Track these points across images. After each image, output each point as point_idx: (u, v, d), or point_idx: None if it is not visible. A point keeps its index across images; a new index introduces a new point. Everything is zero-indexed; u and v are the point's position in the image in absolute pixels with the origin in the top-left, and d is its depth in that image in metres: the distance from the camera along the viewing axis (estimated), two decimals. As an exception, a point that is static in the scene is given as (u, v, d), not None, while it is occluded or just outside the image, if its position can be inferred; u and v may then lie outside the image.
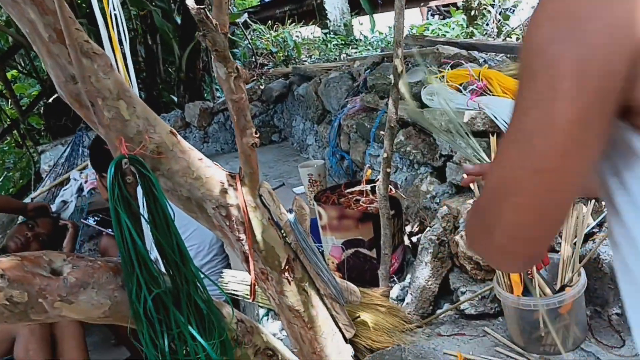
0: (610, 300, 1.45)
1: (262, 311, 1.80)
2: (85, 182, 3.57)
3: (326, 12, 8.87)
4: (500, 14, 5.28)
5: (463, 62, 2.18)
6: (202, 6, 1.08)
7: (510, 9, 5.60)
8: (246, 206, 1.27)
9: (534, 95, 0.56)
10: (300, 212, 1.35)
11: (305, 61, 7.24)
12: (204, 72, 5.76)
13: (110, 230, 3.15)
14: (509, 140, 0.60)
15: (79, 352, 2.40)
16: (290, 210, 1.35)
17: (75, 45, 1.00)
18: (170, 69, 5.51)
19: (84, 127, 4.17)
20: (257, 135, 1.23)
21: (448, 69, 1.95)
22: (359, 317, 1.52)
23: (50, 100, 5.04)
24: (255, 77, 5.18)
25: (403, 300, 1.69)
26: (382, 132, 1.59)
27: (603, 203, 1.65)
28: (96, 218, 3.19)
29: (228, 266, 2.67)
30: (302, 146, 3.89)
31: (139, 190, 1.08)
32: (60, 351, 2.39)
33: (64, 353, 2.39)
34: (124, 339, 2.84)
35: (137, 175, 1.06)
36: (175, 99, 5.37)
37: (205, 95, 5.87)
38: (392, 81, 1.50)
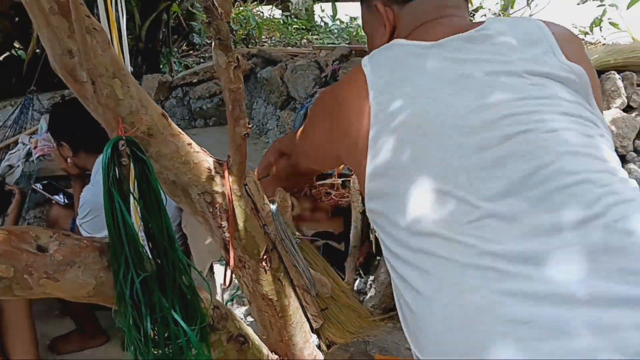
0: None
1: (226, 296, 1.82)
2: (35, 147, 3.44)
3: (288, -7, 8.81)
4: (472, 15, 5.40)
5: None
6: (209, -7, 1.07)
7: (471, 13, 5.73)
8: (231, 194, 1.28)
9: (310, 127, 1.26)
10: (282, 204, 1.38)
11: (265, 42, 7.18)
12: (163, 44, 5.63)
13: (58, 198, 3.06)
14: (304, 132, 1.30)
15: (25, 321, 2.35)
16: (272, 201, 1.37)
17: (81, 20, 0.98)
18: (128, 37, 5.35)
19: (34, 89, 4.01)
20: (250, 126, 1.24)
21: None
22: (326, 309, 1.56)
23: (1, 58, 4.81)
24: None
25: (366, 293, 1.74)
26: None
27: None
28: (43, 182, 3.09)
29: (185, 245, 2.67)
30: (262, 130, 3.88)
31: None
32: (5, 319, 2.33)
33: (9, 321, 2.34)
34: (69, 310, 2.79)
35: (132, 157, 1.06)
36: (132, 69, 5.23)
37: (162, 67, 5.74)
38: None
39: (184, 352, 1.14)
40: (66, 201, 2.95)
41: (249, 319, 1.62)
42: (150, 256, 1.10)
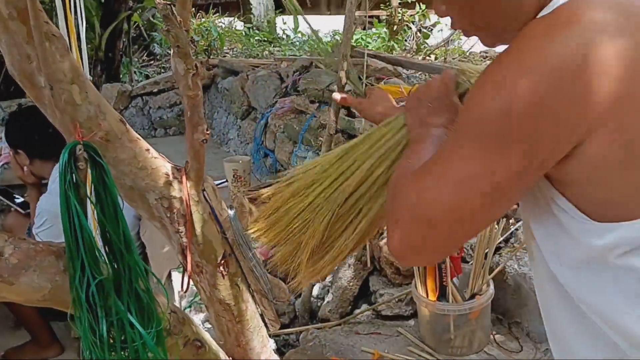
0: (511, 309, 1.61)
1: (184, 303, 1.82)
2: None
3: (251, 6, 8.83)
4: (420, 31, 5.52)
5: (389, 76, 2.30)
6: (168, 2, 1.10)
7: (429, 28, 5.87)
8: (189, 199, 1.30)
9: (483, 148, 0.66)
10: (240, 209, 1.40)
11: (227, 53, 7.19)
12: (123, 54, 5.59)
13: (21, 208, 3.01)
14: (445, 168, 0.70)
15: None
16: (230, 207, 1.40)
17: (40, 26, 0.99)
18: (87, 46, 5.29)
19: (-4, 97, 3.94)
20: (208, 132, 1.26)
21: (382, 84, 2.06)
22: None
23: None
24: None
25: (323, 299, 1.77)
26: (320, 139, 1.66)
27: (511, 221, 1.83)
28: (21, 198, 3.02)
29: (144, 254, 2.65)
30: (223, 139, 3.89)
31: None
32: None
33: None
34: (25, 321, 2.73)
35: (89, 162, 1.07)
36: (91, 78, 5.17)
37: (122, 77, 5.69)
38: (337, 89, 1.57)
39: (140, 356, 1.15)
40: (21, 210, 2.91)
41: (207, 325, 1.63)
42: (106, 260, 1.11)
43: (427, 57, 4.95)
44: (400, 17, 5.49)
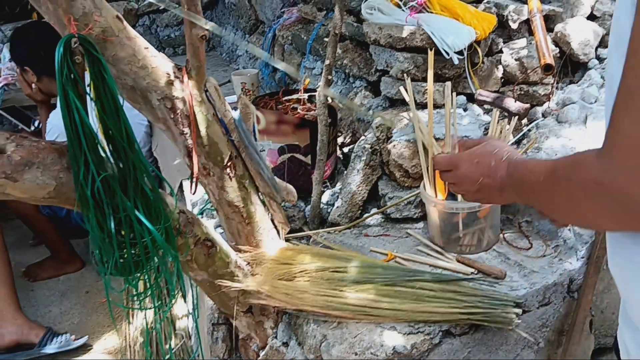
0: (521, 209, 1.60)
1: (196, 210, 1.84)
2: (-1, 77, 3.34)
3: None
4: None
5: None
6: None
7: None
8: (192, 100, 1.28)
9: None
10: (245, 111, 1.38)
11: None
12: (128, -28, 5.43)
13: (26, 126, 3.03)
14: None
15: None
16: (235, 108, 1.37)
17: None
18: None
19: (-3, 18, 3.88)
20: (207, 27, 1.22)
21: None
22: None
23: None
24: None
25: (333, 205, 1.78)
26: (326, 39, 1.61)
27: (524, 122, 1.79)
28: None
29: (158, 169, 2.67)
30: (232, 57, 3.81)
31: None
32: None
33: None
34: (44, 237, 2.81)
35: (86, 57, 1.04)
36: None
37: (128, -4, 5.55)
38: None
39: (150, 252, 1.17)
40: (32, 128, 2.93)
41: (219, 230, 1.65)
42: (110, 158, 1.10)
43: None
44: None
